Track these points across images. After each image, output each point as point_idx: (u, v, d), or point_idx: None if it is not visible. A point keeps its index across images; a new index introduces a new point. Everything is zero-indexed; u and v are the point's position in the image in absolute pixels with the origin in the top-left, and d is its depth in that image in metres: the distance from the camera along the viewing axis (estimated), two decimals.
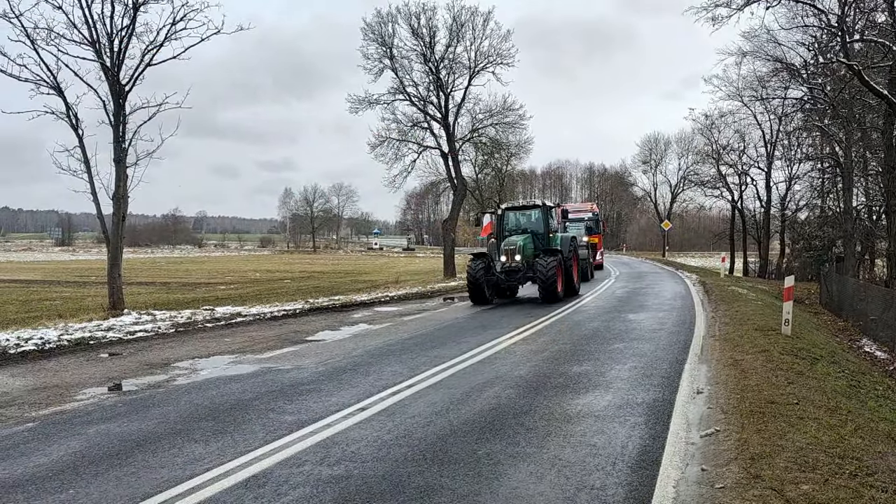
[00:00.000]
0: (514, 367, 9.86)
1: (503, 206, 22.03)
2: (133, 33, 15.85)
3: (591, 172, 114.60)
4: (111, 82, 15.84)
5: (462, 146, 40.32)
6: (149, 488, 5.27)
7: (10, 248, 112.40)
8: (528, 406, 7.55)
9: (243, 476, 5.49)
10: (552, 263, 19.07)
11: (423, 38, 36.14)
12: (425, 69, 36.97)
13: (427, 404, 7.75)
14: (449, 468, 5.55)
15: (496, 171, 62.17)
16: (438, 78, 36.83)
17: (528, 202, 22.32)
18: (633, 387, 8.42)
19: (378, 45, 36.10)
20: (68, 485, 5.43)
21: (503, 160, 56.53)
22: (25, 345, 11.81)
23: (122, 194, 16.27)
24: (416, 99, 37.56)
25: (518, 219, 21.70)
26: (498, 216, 21.73)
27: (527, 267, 19.46)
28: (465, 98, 37.80)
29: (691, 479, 5.20)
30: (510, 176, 72.91)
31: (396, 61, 36.41)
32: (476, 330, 14.00)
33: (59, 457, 6.20)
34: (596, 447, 6.04)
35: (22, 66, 15.15)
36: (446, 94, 37.32)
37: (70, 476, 5.65)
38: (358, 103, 36.72)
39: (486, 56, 36.95)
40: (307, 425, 6.92)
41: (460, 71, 37.27)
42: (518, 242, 19.68)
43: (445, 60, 36.75)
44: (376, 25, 36.01)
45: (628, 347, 11.37)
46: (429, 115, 38.01)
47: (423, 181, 51.94)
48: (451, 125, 37.72)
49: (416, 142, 38.93)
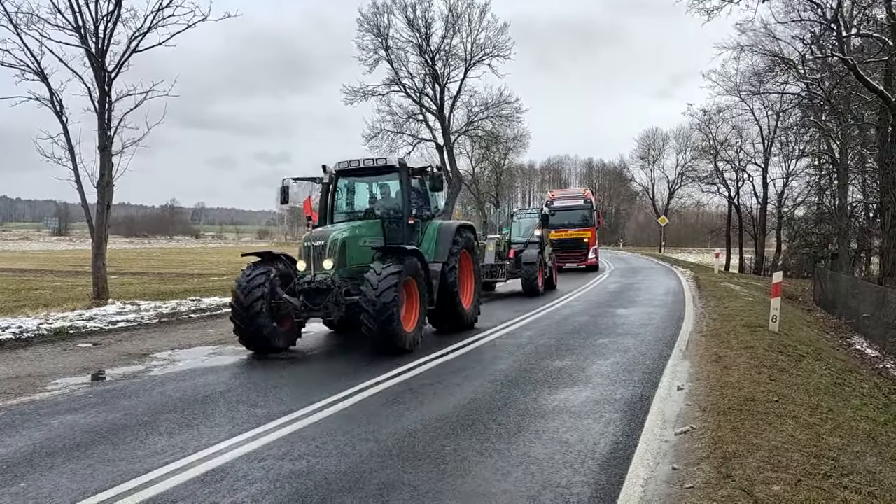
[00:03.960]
0: (494, 361, 9.72)
1: (334, 167, 12.16)
2: (119, 19, 15.63)
3: (590, 167, 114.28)
4: (96, 68, 15.62)
5: (458, 139, 40.20)
6: (102, 482, 5.12)
7: (7, 238, 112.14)
8: (504, 401, 7.41)
9: (202, 470, 5.34)
10: (391, 281, 9.68)
11: (419, 28, 36.01)
12: (421, 61, 36.87)
13: (403, 396, 7.60)
14: (413, 464, 5.40)
15: (493, 165, 62.03)
16: (434, 69, 36.68)
17: (377, 159, 12.09)
18: (612, 382, 8.27)
19: (373, 35, 36.02)
20: (21, 478, 5.28)
21: (500, 154, 56.40)
22: (3, 333, 11.64)
23: (107, 182, 16.08)
24: (412, 90, 37.47)
25: (358, 190, 12.74)
26: (325, 185, 12.16)
27: (336, 286, 10.16)
28: (461, 90, 37.74)
29: (660, 478, 5.06)
30: (508, 170, 72.81)
31: (392, 52, 36.32)
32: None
33: (18, 448, 6.05)
34: (567, 444, 5.89)
35: (5, 52, 14.96)
36: (442, 85, 37.19)
37: (24, 468, 5.50)
38: (353, 94, 36.61)
39: (482, 48, 36.87)
40: (276, 419, 6.77)
41: (456, 63, 37.19)
42: (333, 236, 10.50)
43: (441, 52, 36.64)
44: (372, 16, 35.88)
45: (613, 343, 11.22)
46: (424, 107, 37.90)
47: None
48: (447, 117, 37.60)
49: (412, 134, 38.82)
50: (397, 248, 10.70)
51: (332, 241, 10.48)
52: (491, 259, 19.62)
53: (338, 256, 10.42)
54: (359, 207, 12.54)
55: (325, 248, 10.43)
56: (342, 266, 10.51)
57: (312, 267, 10.45)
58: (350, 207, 12.52)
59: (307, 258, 10.49)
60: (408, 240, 11.66)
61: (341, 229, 10.91)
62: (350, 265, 10.67)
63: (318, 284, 10.23)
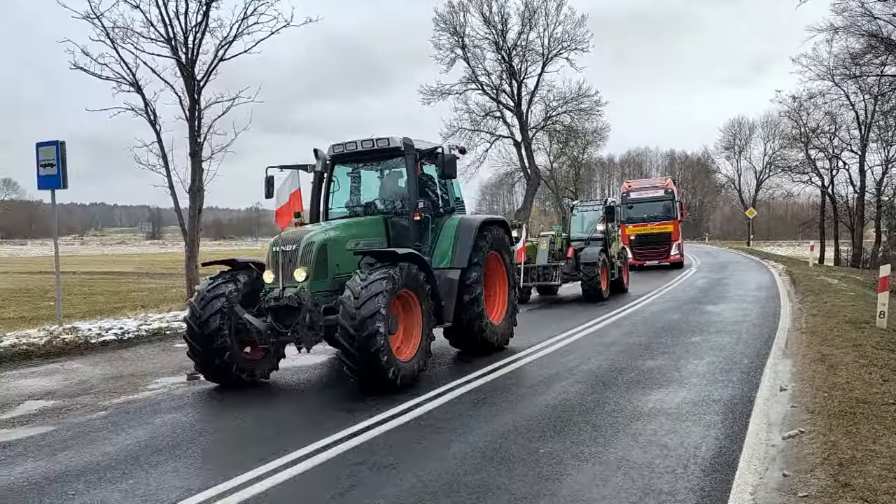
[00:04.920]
0: (583, 361, 9.52)
1: (328, 151, 10.12)
2: (206, 29, 16.18)
3: (671, 159, 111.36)
4: (186, 78, 16.21)
5: (535, 135, 39.87)
6: (205, 480, 5.24)
7: (106, 242, 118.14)
8: (597, 402, 7.22)
9: (302, 469, 5.39)
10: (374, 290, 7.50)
11: (495, 25, 35.89)
12: (497, 57, 36.76)
13: (492, 397, 7.52)
14: (507, 467, 5.30)
15: (572, 160, 61.20)
16: (511, 66, 36.49)
17: (377, 139, 9.63)
18: (710, 383, 7.95)
19: (450, 34, 36.11)
20: (128, 475, 5.47)
21: (579, 148, 55.58)
22: (106, 335, 12.20)
23: (198, 187, 16.65)
24: (489, 87, 37.43)
25: (359, 180, 10.43)
26: (318, 174, 10.13)
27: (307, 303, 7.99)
28: (539, 85, 37.47)
29: (771, 486, 4.79)
30: (587, 164, 71.70)
31: (468, 50, 36.33)
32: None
33: (124, 446, 6.28)
34: (667, 448, 5.67)
35: (103, 66, 15.68)
36: (519, 81, 36.98)
37: (131, 466, 5.69)
38: (430, 94, 36.82)
39: (559, 42, 36.48)
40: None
41: (533, 58, 36.93)
42: (308, 238, 8.35)
43: (518, 48, 36.43)
44: (448, 15, 36.00)
45: (706, 341, 10.82)
46: (501, 104, 37.79)
47: (497, 171, 51.57)
48: (524, 113, 37.39)
49: (489, 131, 38.79)
50: (387, 253, 8.30)
51: (305, 244, 8.19)
52: (544, 259, 17.45)
53: (314, 264, 8.16)
54: (360, 201, 10.20)
55: (298, 254, 8.14)
56: (321, 277, 8.26)
57: (281, 278, 8.18)
58: (350, 201, 10.21)
59: (275, 266, 8.24)
60: (414, 240, 9.35)
61: (322, 229, 8.70)
62: (335, 275, 8.41)
63: (288, 301, 7.99)
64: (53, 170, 13.10)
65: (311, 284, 8.12)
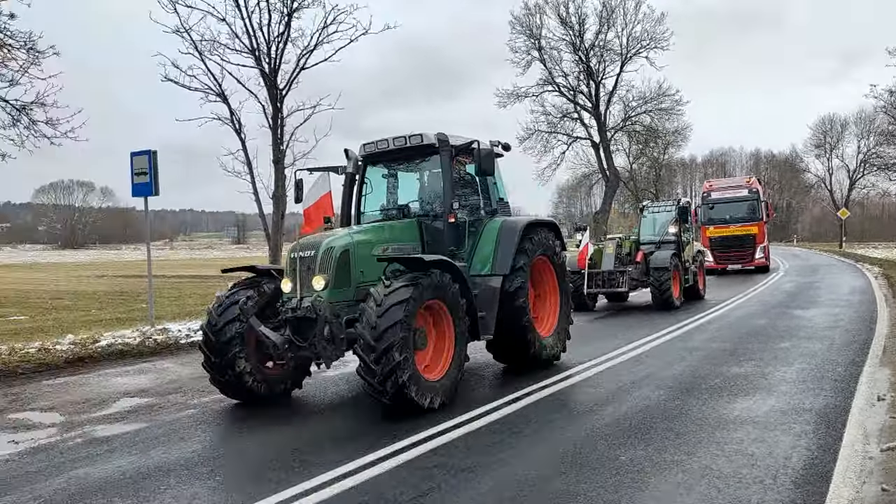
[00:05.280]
0: (664, 367, 9.28)
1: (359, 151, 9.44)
2: (288, 39, 16.70)
3: (757, 159, 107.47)
4: (269, 87, 16.76)
5: (614, 135, 39.28)
6: (294, 474, 5.38)
7: (195, 247, 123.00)
8: (679, 409, 7.03)
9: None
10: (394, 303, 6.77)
11: (572, 26, 35.57)
12: (574, 58, 36.43)
13: (571, 403, 7.43)
14: (587, 473, 5.22)
15: (652, 161, 59.92)
16: (588, 66, 36.08)
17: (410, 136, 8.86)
18: (800, 391, 7.62)
19: (526, 37, 36.01)
20: (217, 471, 5.67)
21: (659, 149, 54.34)
22: (195, 335, 12.68)
23: (281, 194, 17.16)
24: (566, 89, 37.11)
25: (395, 181, 9.74)
26: (350, 175, 9.45)
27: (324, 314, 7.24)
28: (617, 85, 36.95)
29: (868, 500, 4.54)
30: (668, 165, 70.04)
31: (545, 52, 36.14)
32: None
33: (211, 443, 6.52)
34: (754, 457, 5.46)
35: (192, 77, 16.38)
36: (597, 82, 36.55)
37: (219, 463, 5.90)
38: (506, 97, 36.79)
39: (638, 40, 35.88)
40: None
41: (611, 58, 36.45)
42: (328, 243, 7.68)
43: (595, 48, 36.00)
44: (524, 17, 35.93)
45: (796, 347, 10.38)
46: (578, 105, 37.41)
47: (575, 173, 51.00)
48: (603, 114, 36.90)
49: (566, 133, 38.42)
50: (413, 259, 7.58)
51: (325, 249, 7.56)
52: (610, 264, 16.30)
53: (334, 271, 7.49)
54: (395, 204, 9.52)
55: (316, 261, 7.52)
56: (343, 285, 7.59)
57: (299, 287, 7.59)
58: (384, 204, 9.56)
59: (293, 274, 7.66)
60: (450, 244, 8.64)
61: (346, 233, 8.12)
62: (359, 284, 7.70)
63: (306, 312, 7.33)
64: (146, 178, 13.72)
65: (330, 293, 7.42)
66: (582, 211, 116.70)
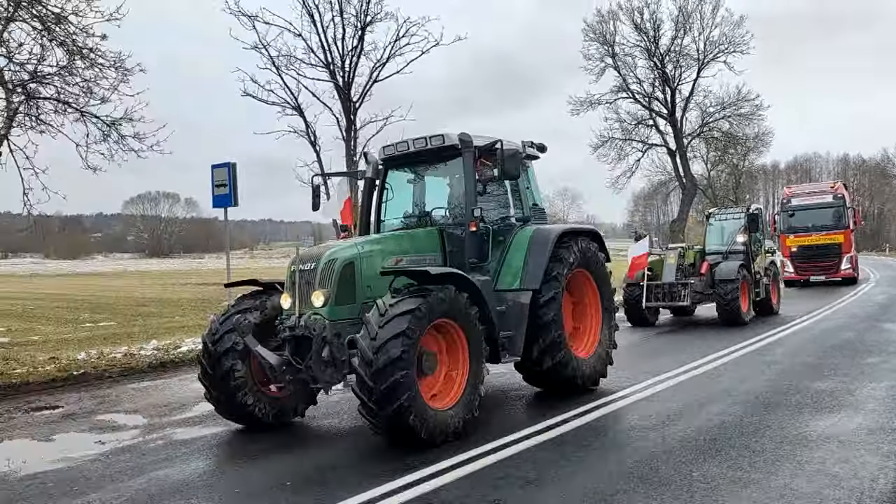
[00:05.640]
0: (741, 381, 8.97)
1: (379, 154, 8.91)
2: (362, 52, 17.07)
3: (845, 164, 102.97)
4: (343, 100, 17.19)
5: (691, 142, 38.39)
6: (372, 478, 5.45)
7: (273, 256, 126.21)
8: (757, 426, 6.78)
9: None
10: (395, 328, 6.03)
11: (647, 32, 34.98)
12: (649, 64, 35.78)
13: (640, 417, 7.28)
14: (657, 489, 5.09)
15: (731, 168, 58.20)
16: (664, 72, 35.41)
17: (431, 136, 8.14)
18: (889, 409, 7.22)
19: (599, 44, 35.55)
20: (297, 474, 5.80)
21: (739, 155, 52.75)
22: None
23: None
24: (640, 96, 36.50)
25: (418, 186, 8.95)
26: (369, 180, 8.87)
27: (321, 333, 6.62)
28: (694, 91, 36.11)
29: None
30: (748, 172, 67.84)
31: (619, 59, 35.65)
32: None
33: (285, 444, 6.67)
34: (837, 478, 5.20)
35: (269, 91, 16.95)
36: (672, 88, 35.79)
37: (298, 466, 6.03)
38: (579, 105, 36.44)
39: (716, 45, 35.00)
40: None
41: (688, 63, 35.64)
42: (329, 255, 7.00)
43: (671, 53, 35.28)
44: (597, 25, 35.55)
45: (886, 362, 9.86)
46: (654, 112, 36.72)
47: (651, 181, 49.96)
48: (679, 121, 36.11)
49: (641, 140, 37.78)
50: (418, 272, 6.83)
51: (326, 261, 6.86)
52: (671, 275, 15.22)
53: (336, 286, 6.78)
54: (418, 211, 8.74)
55: (316, 274, 6.84)
56: (346, 301, 6.87)
57: (298, 303, 6.90)
58: (406, 211, 8.78)
59: (292, 289, 6.97)
60: (471, 255, 7.76)
61: (353, 243, 7.38)
62: (366, 300, 6.88)
63: (304, 331, 6.71)
64: (226, 189, 14.19)
65: (330, 311, 6.69)
66: (658, 219, 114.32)
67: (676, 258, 15.54)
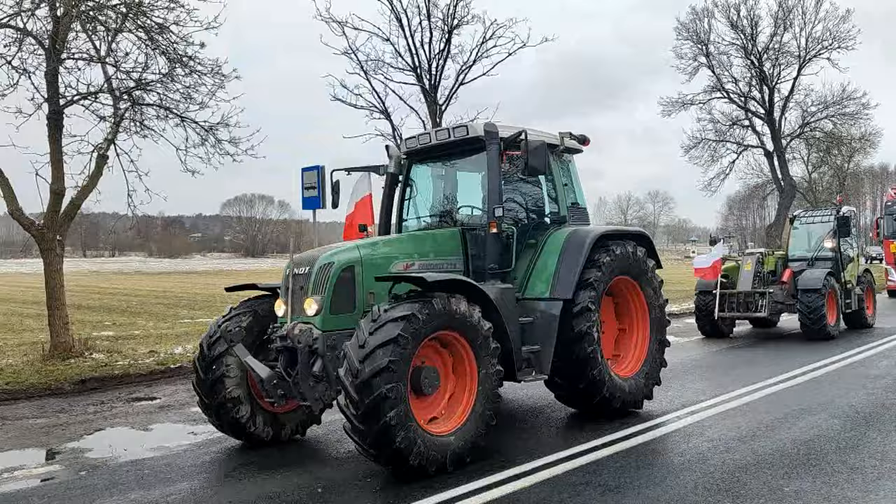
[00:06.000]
0: (840, 395, 8.51)
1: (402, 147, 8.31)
2: (448, 55, 17.19)
3: None
4: (429, 103, 17.33)
5: (790, 143, 36.73)
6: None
7: None
8: (856, 441, 6.42)
9: None
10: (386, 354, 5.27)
11: (744, 29, 33.65)
12: (746, 63, 34.41)
13: (729, 427, 7.01)
14: (745, 503, 4.89)
15: (835, 170, 55.38)
16: (761, 71, 33.99)
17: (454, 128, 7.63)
18: None
19: (693, 42, 34.48)
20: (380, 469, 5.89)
21: (843, 157, 50.13)
22: None
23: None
24: (736, 95, 35.16)
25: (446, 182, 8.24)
26: (391, 175, 8.27)
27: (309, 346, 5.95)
28: (794, 90, 34.42)
29: None
30: (853, 174, 64.39)
31: (713, 58, 34.45)
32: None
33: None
34: None
35: (357, 96, 17.30)
36: (770, 87, 34.31)
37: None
38: (671, 105, 35.43)
39: (819, 41, 33.27)
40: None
41: (787, 61, 34.03)
42: (325, 258, 6.33)
43: (770, 51, 33.81)
44: (690, 23, 34.46)
45: None
46: (750, 112, 35.31)
47: (747, 183, 48.01)
48: (777, 121, 34.58)
49: (736, 141, 36.44)
50: (413, 279, 6.01)
51: (321, 266, 6.24)
52: (748, 284, 14.01)
53: (330, 293, 6.14)
54: (440, 209, 7.96)
55: (310, 279, 6.23)
56: (343, 310, 6.19)
57: (290, 310, 6.30)
58: (430, 209, 8.03)
59: (286, 295, 6.36)
60: (493, 259, 7.00)
61: (355, 245, 6.65)
62: (368, 309, 5.99)
63: (289, 342, 6.08)
64: (314, 192, 14.51)
65: (323, 321, 6.04)
66: (755, 223, 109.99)
67: (754, 264, 14.26)
